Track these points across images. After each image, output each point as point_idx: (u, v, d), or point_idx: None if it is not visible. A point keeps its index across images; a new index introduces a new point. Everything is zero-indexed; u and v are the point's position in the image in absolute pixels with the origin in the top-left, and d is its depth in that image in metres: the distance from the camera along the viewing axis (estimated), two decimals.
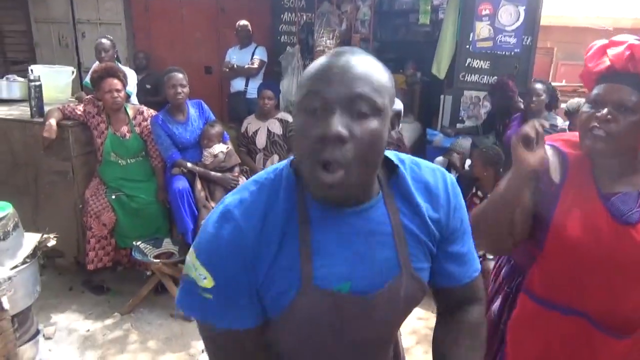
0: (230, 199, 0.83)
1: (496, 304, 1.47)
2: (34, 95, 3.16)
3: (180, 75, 3.10)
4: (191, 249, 0.82)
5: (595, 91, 1.22)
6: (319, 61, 0.78)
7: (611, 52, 1.22)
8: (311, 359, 0.88)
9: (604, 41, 1.27)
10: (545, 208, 1.25)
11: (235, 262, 0.78)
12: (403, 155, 0.92)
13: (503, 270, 1.50)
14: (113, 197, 3.08)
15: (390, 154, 0.89)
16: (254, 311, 0.81)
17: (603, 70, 1.23)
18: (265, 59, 4.89)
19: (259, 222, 0.79)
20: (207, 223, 0.82)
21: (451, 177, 0.93)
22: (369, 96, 0.73)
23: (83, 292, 3.17)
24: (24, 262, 2.12)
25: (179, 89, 3.08)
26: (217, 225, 0.80)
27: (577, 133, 1.29)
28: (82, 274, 3.24)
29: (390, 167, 0.89)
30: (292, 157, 0.86)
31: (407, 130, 4.70)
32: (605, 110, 1.17)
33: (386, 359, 1.00)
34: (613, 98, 1.18)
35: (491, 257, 3.10)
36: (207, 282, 0.78)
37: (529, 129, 1.19)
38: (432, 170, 0.92)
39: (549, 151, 1.28)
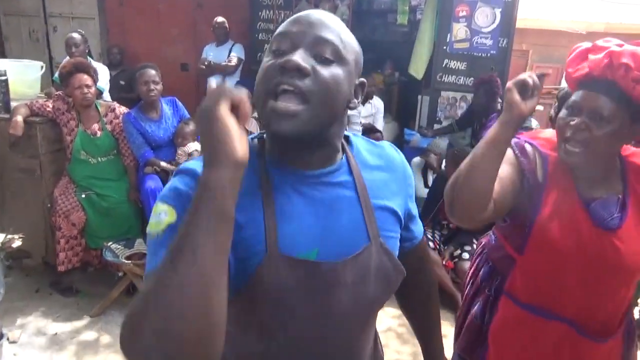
0: (185, 165, 0.79)
1: (477, 307, 1.46)
2: (0, 91, 3.04)
3: (153, 72, 3.03)
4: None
5: (573, 97, 1.20)
6: (296, 14, 0.80)
7: (591, 57, 1.19)
8: (282, 333, 0.82)
9: (587, 45, 1.23)
10: (529, 208, 1.23)
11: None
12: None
13: (481, 272, 1.49)
14: (83, 196, 2.99)
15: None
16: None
17: (581, 77, 1.20)
18: (243, 57, 4.83)
19: None
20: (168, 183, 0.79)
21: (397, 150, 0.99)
22: (334, 42, 0.76)
23: (51, 294, 3.07)
24: None
25: (152, 86, 3.01)
26: (178, 178, 0.77)
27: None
28: (50, 275, 3.14)
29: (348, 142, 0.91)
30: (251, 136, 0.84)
31: (385, 130, 4.70)
32: (579, 120, 1.15)
33: (366, 344, 0.94)
34: (589, 106, 1.15)
35: (466, 257, 3.12)
36: (169, 217, 0.71)
37: (527, 76, 1.11)
38: (387, 145, 0.98)
39: (530, 150, 1.27)
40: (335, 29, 0.78)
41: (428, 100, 4.70)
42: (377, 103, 4.45)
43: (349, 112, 0.93)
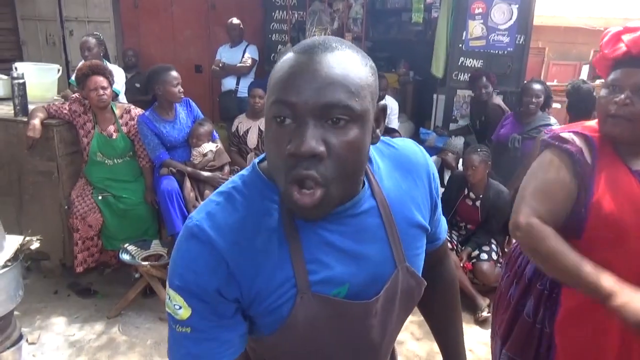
0: (195, 214, 0.75)
1: (529, 305, 1.44)
2: (18, 94, 3.07)
3: (177, 74, 3.05)
4: (167, 280, 0.74)
5: (612, 76, 1.27)
6: (287, 61, 0.68)
7: (627, 37, 1.25)
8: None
9: (619, 28, 1.30)
10: (583, 192, 1.26)
11: (211, 282, 0.70)
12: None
13: (527, 270, 1.48)
14: (100, 197, 3.00)
15: None
16: (237, 337, 0.75)
17: (619, 56, 1.27)
18: (257, 58, 4.83)
19: (233, 234, 0.72)
20: (176, 246, 0.74)
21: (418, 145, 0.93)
22: (345, 103, 0.65)
23: (69, 296, 3.09)
24: (4, 266, 2.05)
25: (180, 88, 3.04)
26: (185, 244, 0.72)
27: (591, 122, 1.32)
28: (68, 277, 3.17)
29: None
30: (256, 161, 0.79)
31: (400, 130, 4.66)
32: (623, 95, 1.22)
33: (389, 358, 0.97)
34: (631, 82, 1.22)
35: (485, 258, 3.07)
36: (184, 312, 0.71)
37: None
38: (405, 144, 0.90)
39: (575, 138, 1.30)
40: (342, 80, 0.65)
41: (444, 99, 4.64)
42: (391, 103, 4.41)
43: None
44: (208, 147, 3.14)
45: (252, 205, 0.74)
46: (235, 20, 4.80)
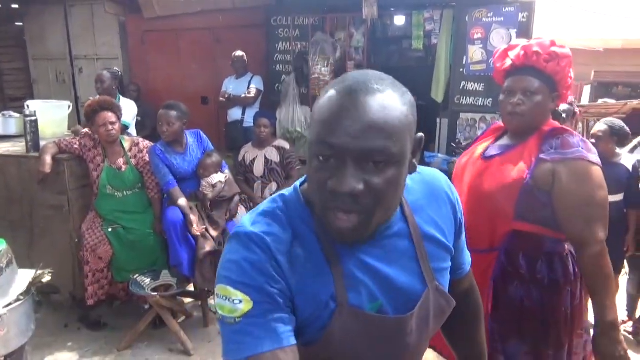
0: (246, 224, 0.79)
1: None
2: (30, 130, 3.15)
3: (171, 113, 3.07)
4: (218, 284, 0.76)
5: (506, 84, 1.61)
6: (330, 101, 0.71)
7: (511, 53, 1.60)
8: None
9: (504, 46, 1.67)
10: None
11: (268, 276, 0.74)
12: None
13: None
14: (110, 230, 3.03)
15: None
16: (292, 326, 0.76)
17: (508, 68, 1.61)
18: (262, 88, 4.92)
19: (284, 245, 0.77)
20: (227, 252, 0.78)
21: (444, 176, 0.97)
22: (384, 148, 0.69)
23: (79, 329, 3.09)
24: (17, 300, 2.07)
25: (165, 127, 3.06)
26: (243, 246, 0.76)
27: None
28: (78, 310, 3.17)
29: None
30: (298, 183, 0.85)
31: None
32: (516, 98, 1.56)
33: None
34: (520, 86, 1.56)
35: None
36: (244, 305, 0.73)
37: None
38: (431, 172, 0.95)
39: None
40: (382, 124, 0.68)
41: (447, 123, 4.69)
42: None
43: None
44: (217, 177, 3.18)
45: (295, 225, 0.79)
46: (239, 53, 4.92)
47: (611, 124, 3.03)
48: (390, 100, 0.71)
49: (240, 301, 0.73)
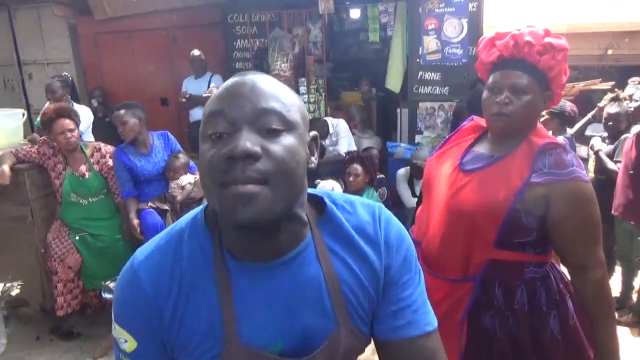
0: (139, 250, 0.79)
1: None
2: None
3: (122, 112, 3.02)
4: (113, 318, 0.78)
5: (491, 79, 1.38)
6: (223, 85, 0.71)
7: (498, 42, 1.37)
8: None
9: (492, 34, 1.41)
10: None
11: (142, 320, 0.74)
12: (336, 194, 0.83)
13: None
14: (77, 238, 2.98)
15: (318, 192, 0.82)
16: None
17: (495, 60, 1.38)
18: None
19: (163, 275, 0.73)
20: (118, 283, 0.78)
21: (387, 215, 0.83)
22: (278, 110, 0.67)
23: (52, 340, 3.03)
24: None
25: (120, 128, 3.03)
26: (121, 281, 0.77)
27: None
28: (49, 322, 3.11)
29: (318, 208, 0.80)
30: (204, 206, 0.79)
31: (368, 144, 4.79)
32: (503, 96, 1.33)
33: None
34: (508, 82, 1.33)
35: None
36: (129, 345, 0.75)
37: None
38: (368, 207, 0.82)
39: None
40: (275, 93, 0.69)
41: (407, 112, 4.80)
42: (335, 124, 4.48)
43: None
44: (187, 179, 3.16)
45: (192, 250, 0.75)
46: (196, 52, 4.87)
47: (552, 108, 3.16)
48: (281, 85, 0.73)
49: (126, 341, 0.75)
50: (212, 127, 0.67)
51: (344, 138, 4.47)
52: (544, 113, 2.96)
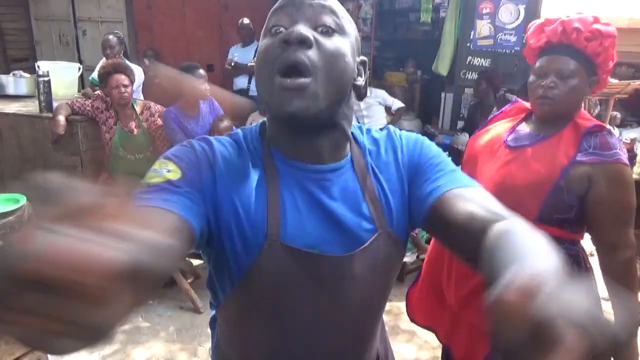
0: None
1: None
2: (43, 91, 3.19)
3: (203, 72, 3.14)
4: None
5: (538, 64, 1.42)
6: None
7: (547, 28, 1.41)
8: (285, 324, 0.79)
9: (541, 20, 1.46)
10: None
11: (197, 162, 0.72)
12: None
13: None
14: None
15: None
16: (199, 212, 0.68)
17: (542, 45, 1.43)
18: None
19: (227, 150, 0.76)
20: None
21: (399, 131, 0.88)
22: (335, 10, 0.73)
23: None
24: None
25: (207, 86, 3.13)
26: (194, 141, 0.76)
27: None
28: None
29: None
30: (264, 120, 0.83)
31: (408, 127, 4.76)
32: (549, 80, 1.37)
33: (374, 334, 0.90)
34: (554, 67, 1.37)
35: None
36: (172, 174, 0.68)
37: None
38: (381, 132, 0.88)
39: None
40: (333, 2, 0.75)
41: (452, 97, 4.74)
42: (375, 91, 4.42)
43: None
44: None
45: (248, 147, 0.79)
46: (245, 21, 4.90)
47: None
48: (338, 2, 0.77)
49: (170, 170, 0.69)
50: (274, 21, 0.73)
51: (389, 98, 4.41)
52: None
